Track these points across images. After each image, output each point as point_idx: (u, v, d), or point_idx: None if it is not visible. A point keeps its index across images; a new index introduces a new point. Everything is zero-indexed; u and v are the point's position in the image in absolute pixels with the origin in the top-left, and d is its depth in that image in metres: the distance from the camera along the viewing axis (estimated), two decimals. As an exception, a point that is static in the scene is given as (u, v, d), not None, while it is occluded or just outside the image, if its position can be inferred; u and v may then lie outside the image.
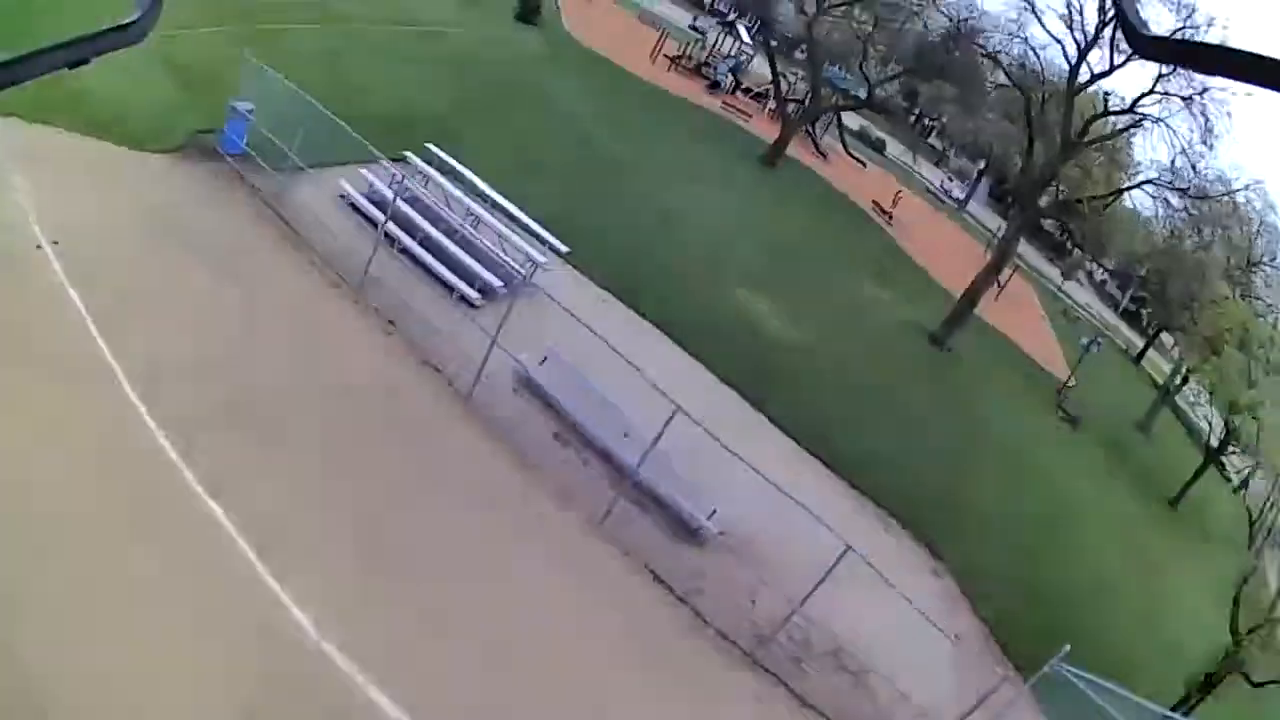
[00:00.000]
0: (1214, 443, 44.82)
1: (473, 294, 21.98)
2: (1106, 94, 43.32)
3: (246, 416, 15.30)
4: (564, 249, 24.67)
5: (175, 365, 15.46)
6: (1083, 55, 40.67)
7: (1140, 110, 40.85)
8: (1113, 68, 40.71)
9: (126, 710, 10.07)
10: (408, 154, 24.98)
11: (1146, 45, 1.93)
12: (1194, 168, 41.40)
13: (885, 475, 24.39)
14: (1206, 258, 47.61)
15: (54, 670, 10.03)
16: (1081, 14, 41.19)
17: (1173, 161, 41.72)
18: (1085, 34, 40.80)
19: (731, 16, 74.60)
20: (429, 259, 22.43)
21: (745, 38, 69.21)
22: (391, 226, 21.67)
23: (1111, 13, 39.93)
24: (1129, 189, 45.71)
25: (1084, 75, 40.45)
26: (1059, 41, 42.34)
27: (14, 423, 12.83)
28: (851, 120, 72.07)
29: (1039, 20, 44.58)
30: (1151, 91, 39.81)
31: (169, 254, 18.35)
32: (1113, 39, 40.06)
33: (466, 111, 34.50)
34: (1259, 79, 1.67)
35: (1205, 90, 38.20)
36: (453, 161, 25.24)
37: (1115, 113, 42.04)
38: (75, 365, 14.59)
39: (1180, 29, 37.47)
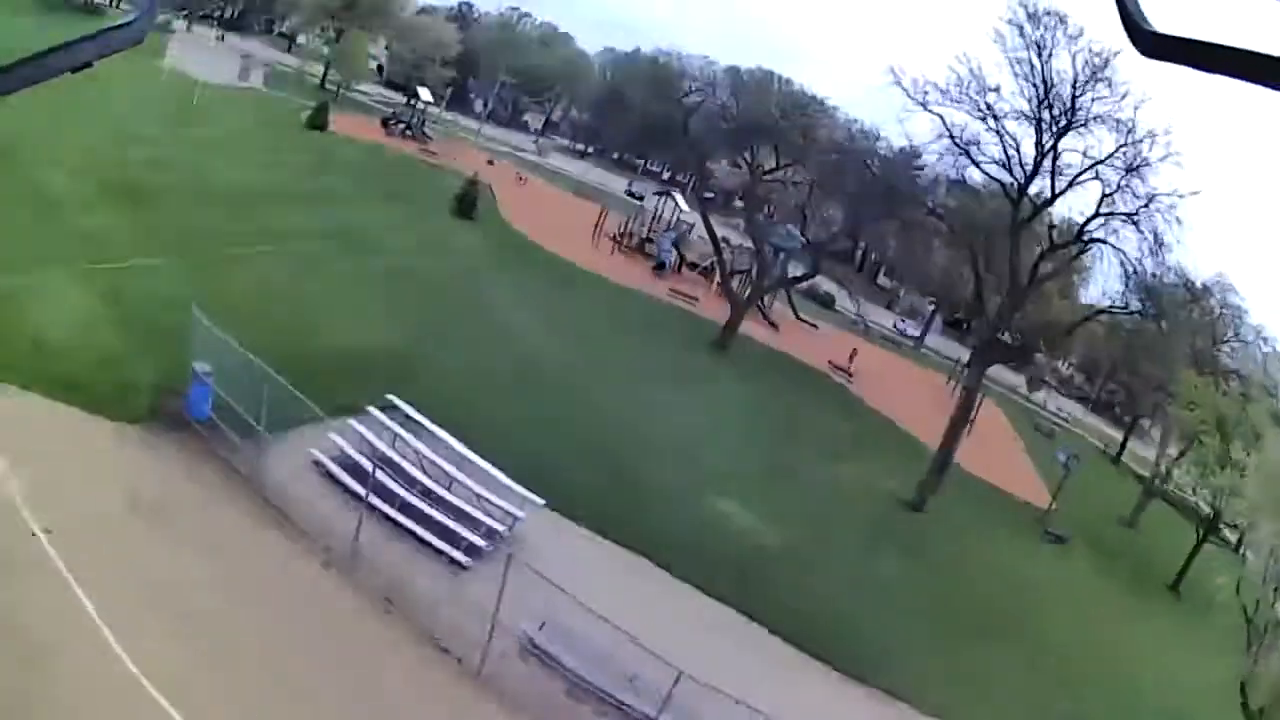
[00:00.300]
0: (1204, 528, 46.86)
1: (461, 557, 22.57)
2: (1052, 226, 45.46)
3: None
4: (540, 501, 24.87)
5: (192, 670, 16.06)
6: (1022, 191, 42.63)
7: (1088, 235, 42.90)
8: (1054, 196, 42.83)
9: None
10: (370, 409, 25.51)
11: (1150, 42, 2.08)
12: (1148, 281, 43.31)
13: (896, 666, 25.43)
14: (1169, 345, 49.39)
15: None
16: (1019, 150, 42.91)
17: (1126, 282, 43.80)
18: (1024, 169, 42.64)
19: (664, 184, 76.64)
20: (411, 524, 22.92)
21: (683, 205, 71.27)
22: (373, 498, 22.36)
23: (1049, 146, 42.17)
24: (1085, 320, 47.29)
25: (1025, 209, 42.39)
26: (997, 180, 44.42)
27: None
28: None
29: (975, 164, 45.63)
30: (1096, 215, 41.88)
31: (159, 542, 18.89)
32: (1053, 168, 42.25)
33: (416, 338, 35.32)
34: (1260, 77, 1.85)
35: (1151, 199, 40.14)
36: (417, 416, 25.86)
37: (1063, 245, 43.92)
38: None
39: (1122, 145, 40.22)
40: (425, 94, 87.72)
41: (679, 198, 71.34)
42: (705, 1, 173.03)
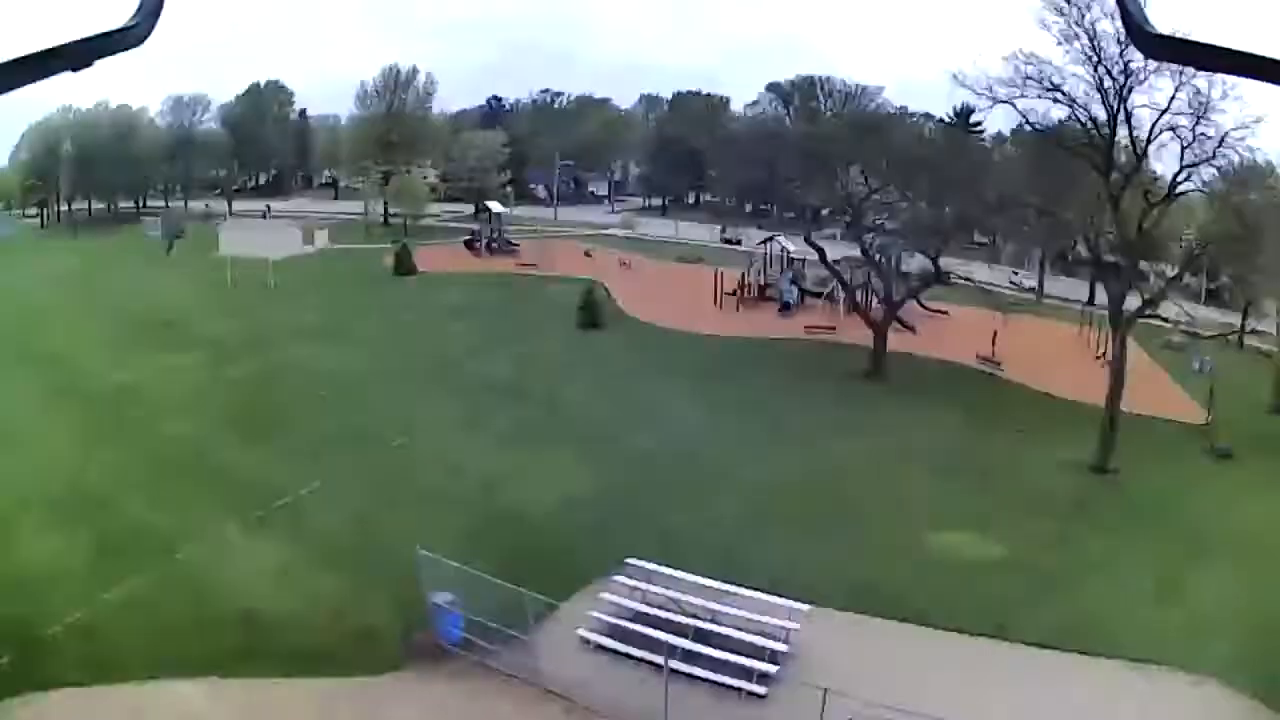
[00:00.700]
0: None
1: (757, 688, 23.26)
2: (1147, 192, 45.25)
3: None
4: (805, 607, 25.55)
5: None
6: (1109, 161, 43.87)
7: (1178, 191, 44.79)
8: (1140, 157, 44.57)
9: None
10: (614, 578, 26.84)
11: (1151, 43, 2.16)
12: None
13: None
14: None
15: None
16: (1094, 121, 44.31)
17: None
18: (1103, 137, 43.90)
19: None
20: (701, 672, 23.60)
21: (788, 244, 72.10)
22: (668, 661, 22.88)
23: (1117, 109, 42.87)
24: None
25: (1116, 183, 43.31)
26: (1085, 157, 45.01)
27: None
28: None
29: (1064, 147, 47.54)
30: (1182, 169, 43.31)
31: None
32: (1130, 131, 43.71)
33: (604, 487, 36.22)
34: (1261, 76, 1.93)
35: (1224, 138, 41.43)
36: (663, 569, 26.99)
37: (1160, 202, 44.75)
38: None
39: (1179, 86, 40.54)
40: (495, 206, 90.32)
41: (783, 240, 72.25)
42: (688, 23, 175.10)
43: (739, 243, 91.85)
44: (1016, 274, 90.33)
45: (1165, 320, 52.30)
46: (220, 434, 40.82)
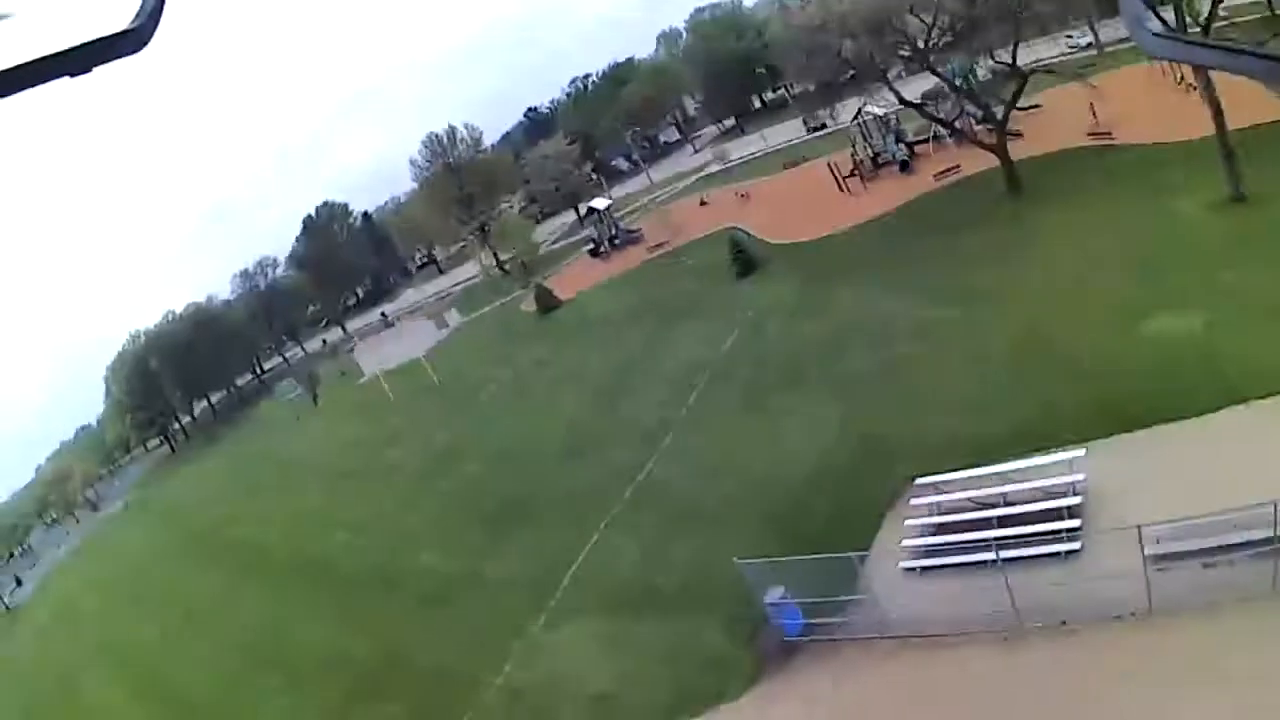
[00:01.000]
0: None
1: (1070, 546, 24.30)
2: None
3: None
4: (1080, 452, 26.11)
5: None
6: None
7: None
8: None
9: None
10: (910, 502, 28.21)
11: (1153, 41, 2.13)
12: None
13: None
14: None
15: None
16: None
17: None
18: None
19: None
20: (1018, 552, 24.18)
21: (874, 108, 71.51)
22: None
23: None
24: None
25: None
26: None
27: None
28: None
29: None
30: None
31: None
32: None
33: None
34: (1263, 76, 1.89)
35: None
36: (945, 477, 28.11)
37: None
38: None
39: None
40: (599, 202, 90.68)
41: (871, 106, 71.19)
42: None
43: (824, 127, 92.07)
44: (1070, 36, 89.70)
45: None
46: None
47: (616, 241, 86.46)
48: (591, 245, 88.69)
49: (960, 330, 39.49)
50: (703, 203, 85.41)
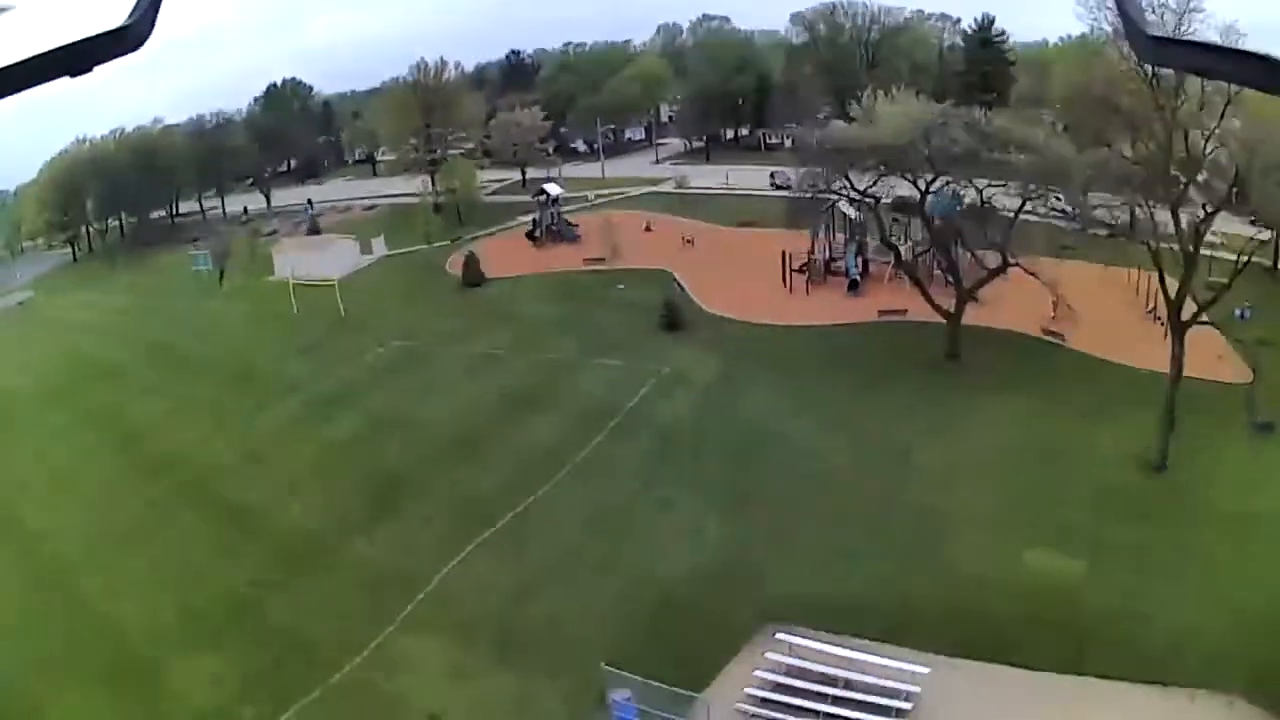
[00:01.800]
0: None
1: None
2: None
3: None
4: (924, 669, 29.54)
5: None
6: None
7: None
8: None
9: None
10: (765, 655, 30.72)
11: (1150, 47, 2.25)
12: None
13: None
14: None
15: None
16: None
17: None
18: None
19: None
20: None
21: (847, 208, 70.38)
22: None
23: None
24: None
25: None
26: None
27: None
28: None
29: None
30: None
31: None
32: None
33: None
34: (1263, 82, 2.02)
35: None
36: (804, 641, 31.21)
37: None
38: None
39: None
40: (553, 188, 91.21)
41: (844, 206, 69.73)
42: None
43: (789, 186, 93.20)
44: (1059, 200, 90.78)
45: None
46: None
47: (554, 230, 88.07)
48: (531, 229, 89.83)
49: (855, 478, 42.53)
50: (648, 228, 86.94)
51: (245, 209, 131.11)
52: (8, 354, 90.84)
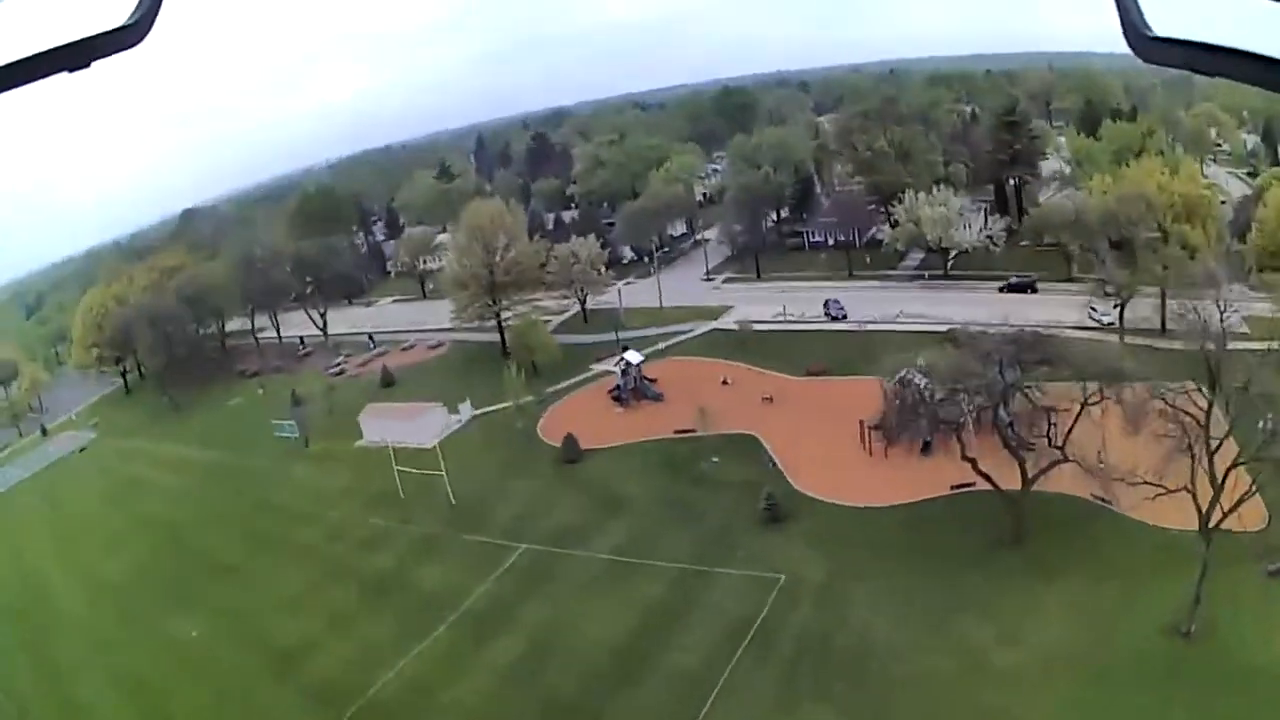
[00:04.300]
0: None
1: None
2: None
3: None
4: None
5: None
6: None
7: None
8: None
9: None
10: None
11: (1149, 46, 2.38)
12: None
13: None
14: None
15: None
16: None
17: None
18: None
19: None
20: None
21: (915, 374, 72.40)
22: None
23: None
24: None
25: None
26: None
27: None
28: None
29: None
30: None
31: None
32: None
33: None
34: (1262, 81, 2.14)
35: None
36: None
37: None
38: None
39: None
40: (633, 356, 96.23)
41: (916, 370, 72.00)
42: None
43: (845, 317, 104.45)
44: (1095, 310, 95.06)
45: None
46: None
47: (637, 390, 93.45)
48: (615, 391, 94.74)
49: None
50: (725, 382, 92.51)
51: (302, 340, 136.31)
52: (88, 527, 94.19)
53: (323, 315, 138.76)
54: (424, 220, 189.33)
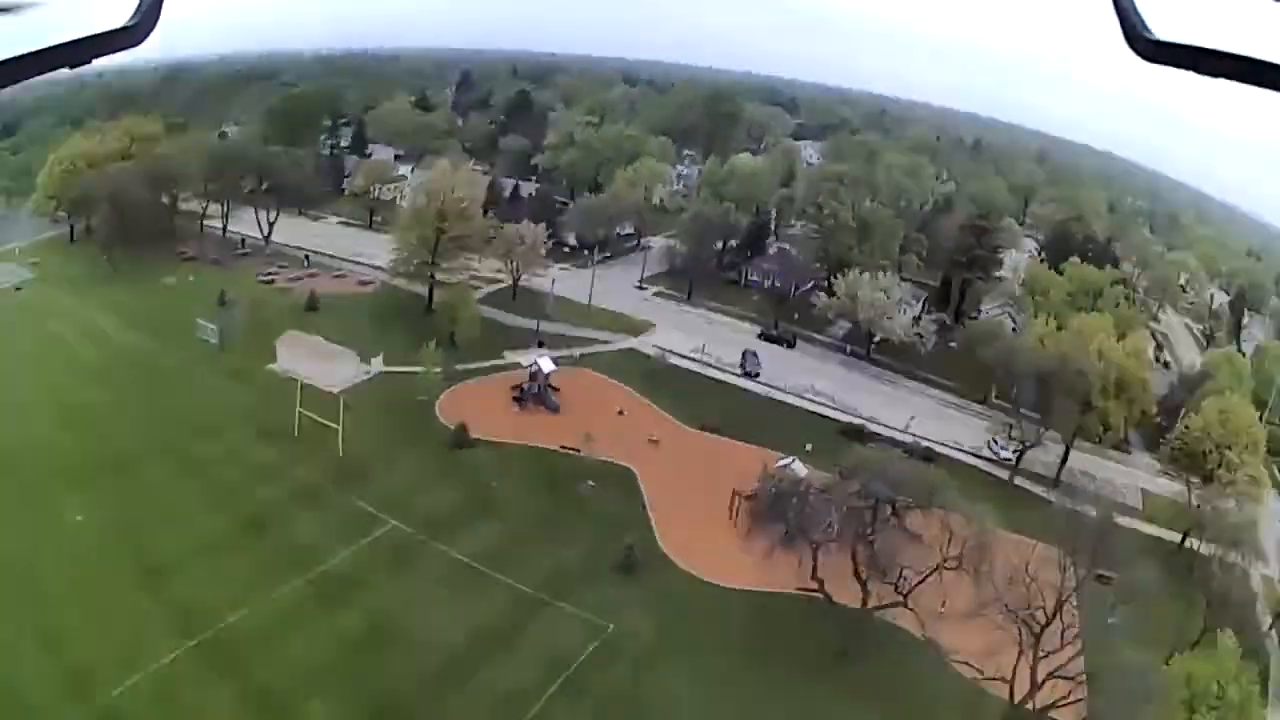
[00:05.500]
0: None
1: None
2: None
3: None
4: None
5: None
6: None
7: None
8: None
9: None
10: None
11: (1149, 48, 2.42)
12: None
13: None
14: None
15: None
16: None
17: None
18: None
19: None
20: None
21: (798, 467, 79.57)
22: None
23: None
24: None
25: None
26: None
27: None
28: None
29: None
30: None
31: None
32: None
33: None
34: (1261, 82, 2.19)
35: None
36: None
37: None
38: None
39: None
40: (545, 364, 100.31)
41: (797, 463, 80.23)
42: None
43: (758, 375, 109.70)
44: (997, 440, 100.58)
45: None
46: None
47: (538, 396, 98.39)
48: (518, 393, 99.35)
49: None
50: (620, 412, 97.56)
51: (243, 240, 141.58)
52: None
53: (270, 224, 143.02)
54: (392, 143, 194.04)
